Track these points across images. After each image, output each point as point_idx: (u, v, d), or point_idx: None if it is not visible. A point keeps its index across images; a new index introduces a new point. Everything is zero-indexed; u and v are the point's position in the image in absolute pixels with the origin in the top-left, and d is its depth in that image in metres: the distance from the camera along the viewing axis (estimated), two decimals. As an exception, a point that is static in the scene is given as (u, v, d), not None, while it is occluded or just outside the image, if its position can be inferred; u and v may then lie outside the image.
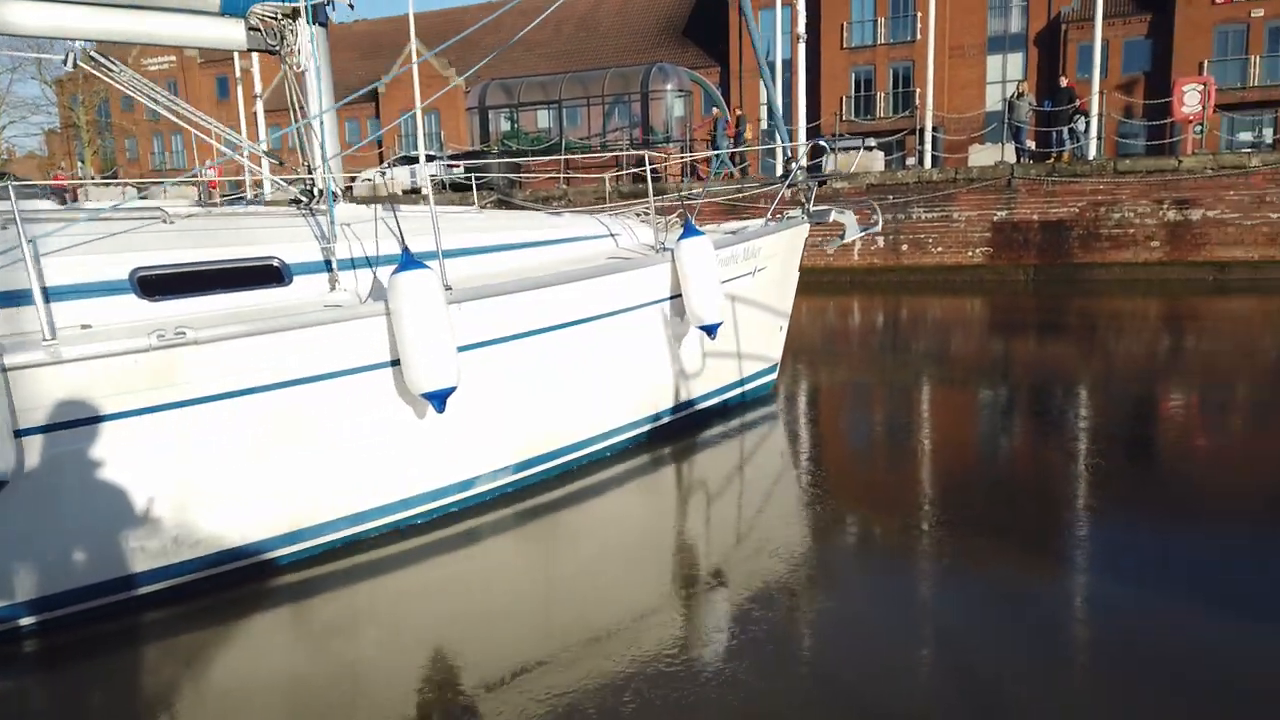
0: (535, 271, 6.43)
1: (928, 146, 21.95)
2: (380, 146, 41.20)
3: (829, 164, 20.61)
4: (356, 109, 42.75)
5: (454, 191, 18.95)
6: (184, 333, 4.61)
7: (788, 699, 3.76)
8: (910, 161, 28.57)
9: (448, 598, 5.01)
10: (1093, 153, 19.55)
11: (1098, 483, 6.52)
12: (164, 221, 5.31)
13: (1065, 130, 19.10)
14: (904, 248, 18.64)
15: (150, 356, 4.54)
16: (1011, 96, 20.73)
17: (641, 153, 10.41)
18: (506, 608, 4.81)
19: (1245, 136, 32.97)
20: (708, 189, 9.51)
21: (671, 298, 7.26)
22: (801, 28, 22.14)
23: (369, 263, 5.73)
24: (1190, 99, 21.65)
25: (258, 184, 19.26)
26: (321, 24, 6.24)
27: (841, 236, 9.09)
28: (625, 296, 6.88)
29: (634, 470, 6.97)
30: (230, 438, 4.91)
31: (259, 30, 6.15)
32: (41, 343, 4.33)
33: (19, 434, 4.21)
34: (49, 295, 4.53)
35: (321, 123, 6.03)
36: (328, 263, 5.57)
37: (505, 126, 28.56)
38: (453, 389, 5.37)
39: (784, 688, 3.84)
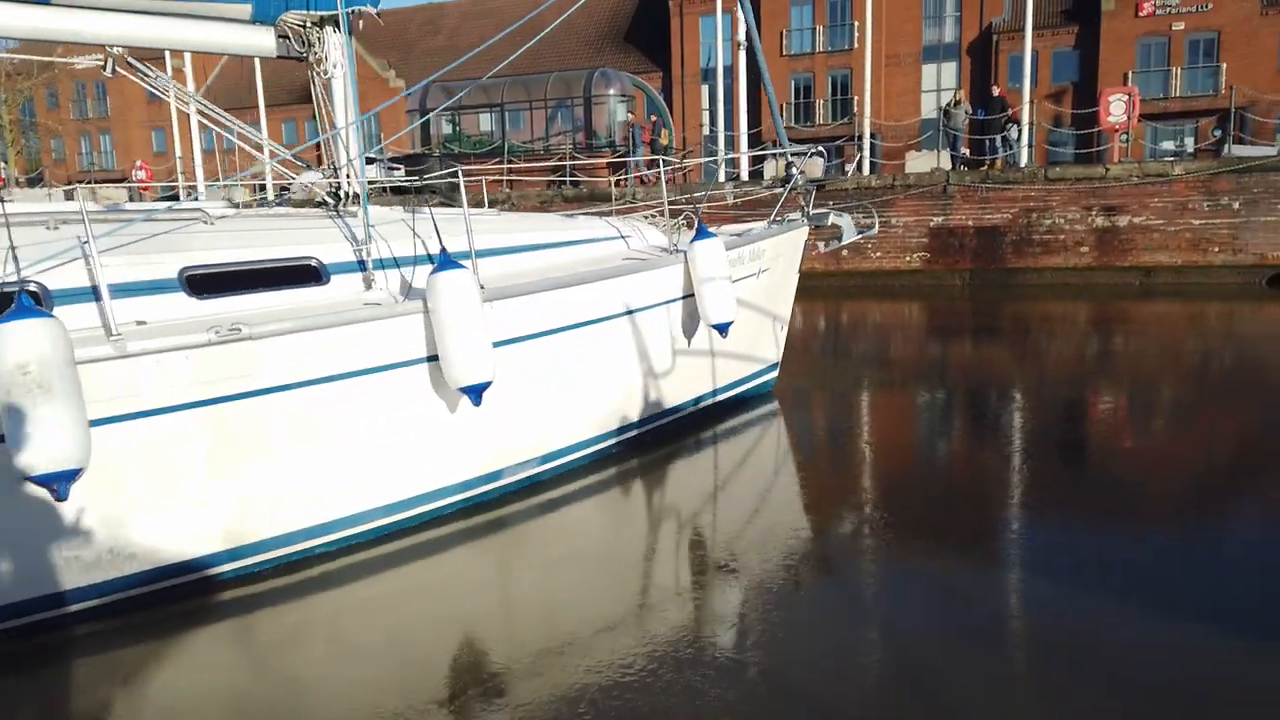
0: (554, 271, 6.67)
1: (866, 153, 22.36)
2: (318, 149, 40.49)
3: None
4: (294, 110, 41.98)
5: (395, 195, 18.72)
6: (239, 329, 4.82)
7: (743, 707, 3.81)
8: (850, 168, 29.02)
9: (415, 603, 4.98)
10: (1025, 160, 20.12)
11: (1034, 484, 6.73)
12: (205, 223, 5.57)
13: (999, 138, 19.62)
14: (844, 253, 18.94)
15: (207, 352, 4.76)
16: (947, 105, 21.23)
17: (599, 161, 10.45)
18: (470, 615, 4.80)
19: (1168, 145, 34.19)
20: (710, 192, 9.86)
21: (684, 297, 7.53)
22: (742, 35, 22.37)
23: (396, 263, 5.96)
24: (1116, 109, 22.42)
25: (282, 188, 18.98)
26: (348, 33, 6.46)
27: (839, 239, 9.39)
28: (642, 296, 7.16)
29: (608, 478, 6.98)
30: (280, 430, 5.13)
31: (287, 38, 6.36)
32: (108, 338, 4.54)
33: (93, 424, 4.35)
34: (117, 293, 4.74)
35: (355, 128, 6.37)
36: (361, 263, 5.79)
37: (447, 129, 28.34)
38: (489, 383, 5.59)
39: (739, 695, 3.89)
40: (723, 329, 7.46)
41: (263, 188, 18.50)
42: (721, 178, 20.95)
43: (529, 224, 7.38)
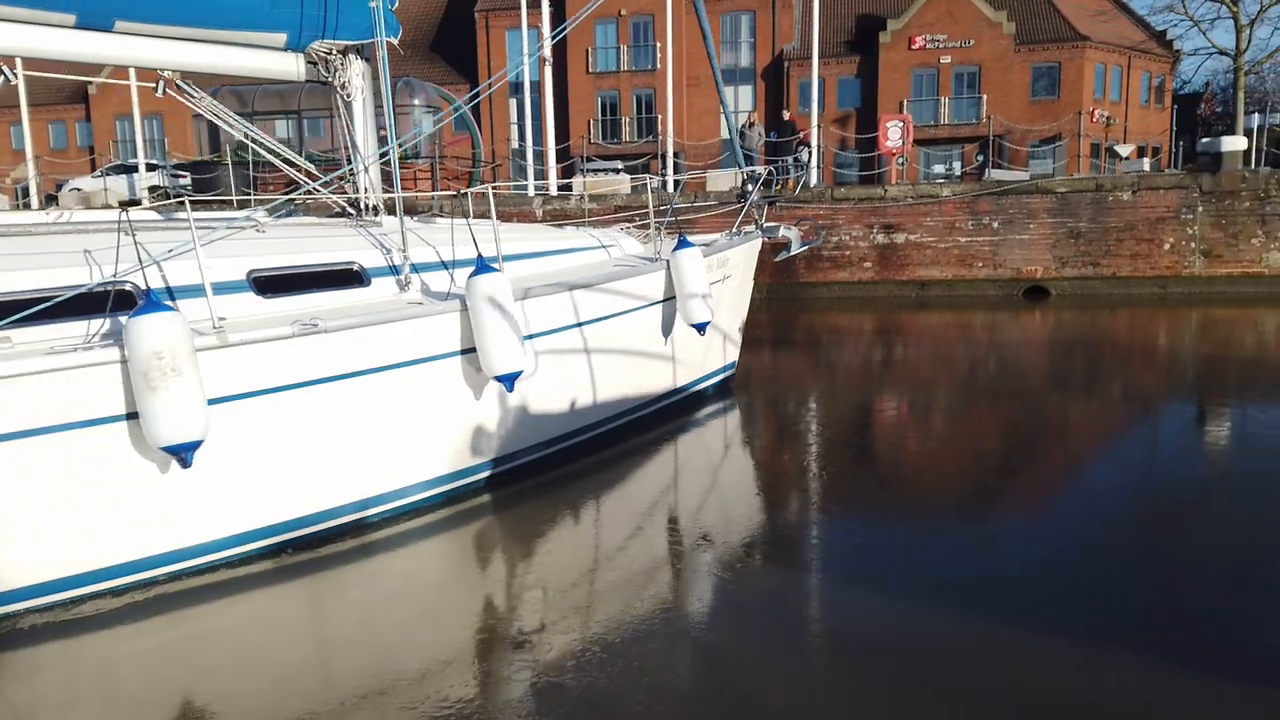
0: (560, 275, 7.48)
1: (669, 170, 23.14)
2: (92, 153, 37.36)
3: (577, 187, 21.20)
4: (62, 111, 38.53)
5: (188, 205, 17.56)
6: (316, 323, 5.54)
7: None
8: (654, 184, 29.80)
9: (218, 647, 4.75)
10: (814, 180, 21.48)
11: (828, 484, 7.25)
12: (258, 231, 6.23)
13: (791, 159, 20.86)
14: (651, 267, 19.48)
15: (288, 343, 5.45)
16: (742, 126, 22.34)
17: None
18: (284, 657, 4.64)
19: (939, 169, 37.43)
20: (674, 206, 10.97)
21: (666, 300, 8.37)
22: (547, 50, 22.59)
23: (414, 269, 6.65)
24: (893, 134, 24.35)
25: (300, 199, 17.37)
26: (367, 59, 7.28)
27: (788, 249, 10.40)
28: (636, 297, 8.01)
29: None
30: (346, 414, 5.83)
31: (316, 64, 7.12)
32: (212, 329, 5.20)
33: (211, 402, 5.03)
34: (191, 292, 5.36)
35: (385, 144, 7.17)
36: (395, 267, 6.52)
37: (238, 136, 26.87)
38: (521, 372, 6.33)
39: None
40: (701, 328, 8.32)
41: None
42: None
43: (529, 233, 8.28)
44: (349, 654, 4.56)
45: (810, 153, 21.26)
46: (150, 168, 24.03)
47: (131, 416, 4.92)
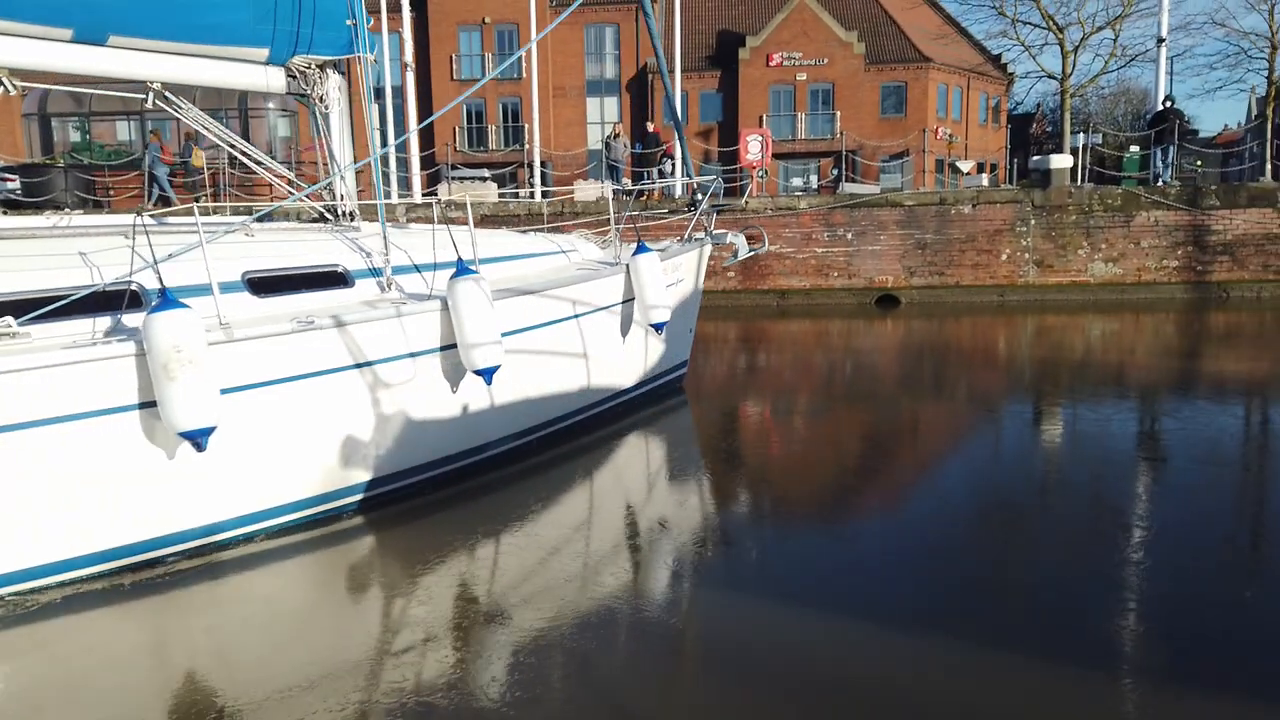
0: (528, 278, 7.97)
1: (537, 180, 23.13)
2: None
3: (443, 192, 20.90)
4: None
5: (9, 208, 16.37)
6: (312, 321, 5.99)
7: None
8: (522, 193, 29.72)
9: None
10: (679, 192, 21.90)
11: (701, 488, 7.42)
12: (246, 234, 6.65)
13: (655, 170, 21.20)
14: (518, 277, 19.41)
15: (291, 338, 5.89)
16: (607, 137, 22.56)
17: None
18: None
19: (797, 182, 38.80)
20: (630, 213, 11.19)
21: (625, 301, 8.82)
22: (409, 56, 22.22)
23: (396, 270, 7.12)
24: (753, 148, 25.10)
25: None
26: (343, 73, 7.79)
27: (735, 255, 10.91)
28: (598, 299, 8.48)
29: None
30: (339, 404, 6.26)
31: (295, 78, 7.53)
32: (219, 326, 5.60)
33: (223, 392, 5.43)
34: (190, 292, 5.57)
35: (383, 155, 7.75)
36: (377, 270, 6.96)
37: (75, 137, 25.23)
38: (499, 367, 6.72)
39: None
40: (659, 328, 8.88)
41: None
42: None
43: (496, 238, 8.69)
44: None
45: (673, 164, 21.68)
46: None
47: (145, 405, 5.29)
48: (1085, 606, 4.86)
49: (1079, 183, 20.90)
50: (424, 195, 22.50)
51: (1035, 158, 21.94)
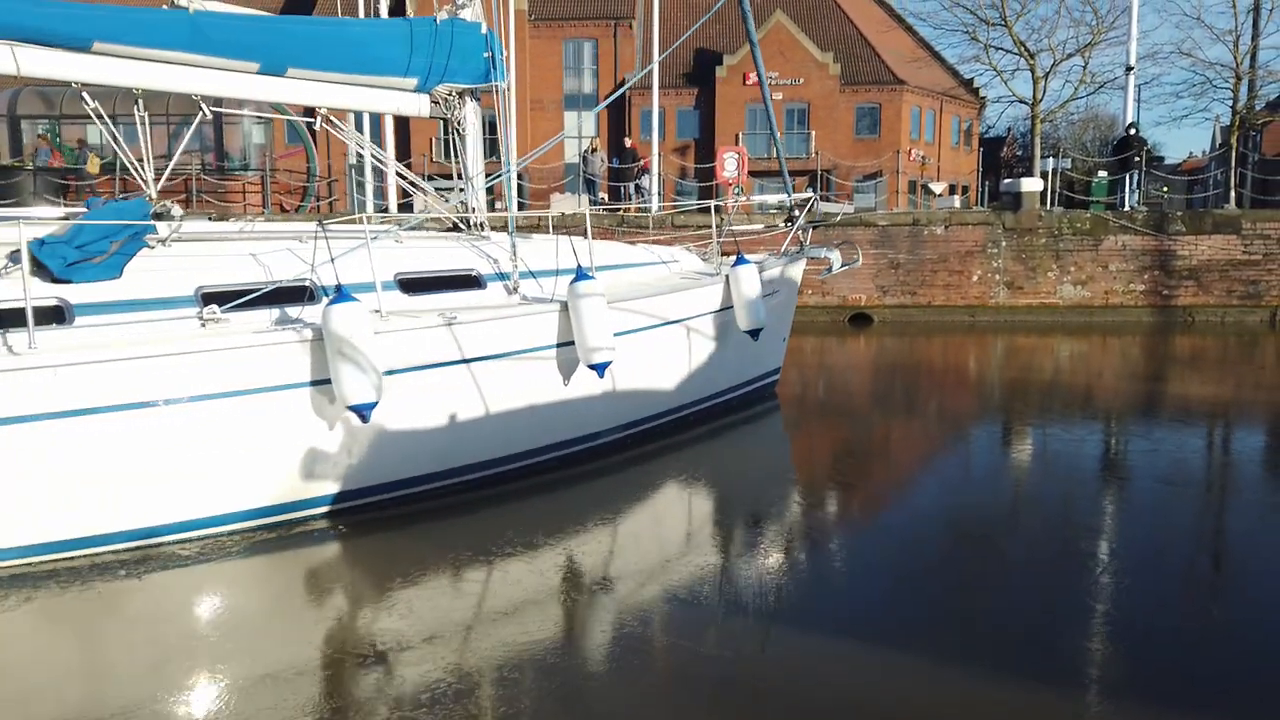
0: (634, 287, 8.74)
1: (513, 192, 23.10)
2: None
3: (418, 205, 20.81)
4: None
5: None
6: (455, 316, 6.95)
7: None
8: (499, 205, 29.72)
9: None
10: (655, 207, 21.98)
11: (674, 503, 7.43)
12: (396, 241, 7.78)
13: (633, 185, 21.28)
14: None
15: (436, 331, 6.82)
16: (585, 151, 22.63)
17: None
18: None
19: (771, 200, 39.00)
20: (728, 227, 11.65)
21: (723, 309, 9.43)
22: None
23: (522, 276, 7.96)
24: (729, 165, 25.23)
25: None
26: (477, 99, 8.89)
27: (830, 269, 11.32)
28: (699, 306, 9.18)
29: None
30: (474, 388, 7.14)
31: (438, 104, 8.55)
32: (382, 319, 6.52)
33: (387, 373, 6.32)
34: (359, 290, 6.43)
35: (510, 170, 8.93)
36: (505, 274, 7.86)
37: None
38: (610, 362, 7.45)
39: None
40: (755, 334, 9.47)
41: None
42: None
43: (609, 249, 9.51)
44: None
45: (650, 179, 21.77)
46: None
47: (317, 383, 6.23)
48: (1057, 628, 4.92)
49: (1049, 206, 21.23)
50: (398, 204, 22.43)
51: (1006, 181, 22.27)
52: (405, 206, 23.37)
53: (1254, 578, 5.76)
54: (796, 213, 11.37)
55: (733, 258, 9.65)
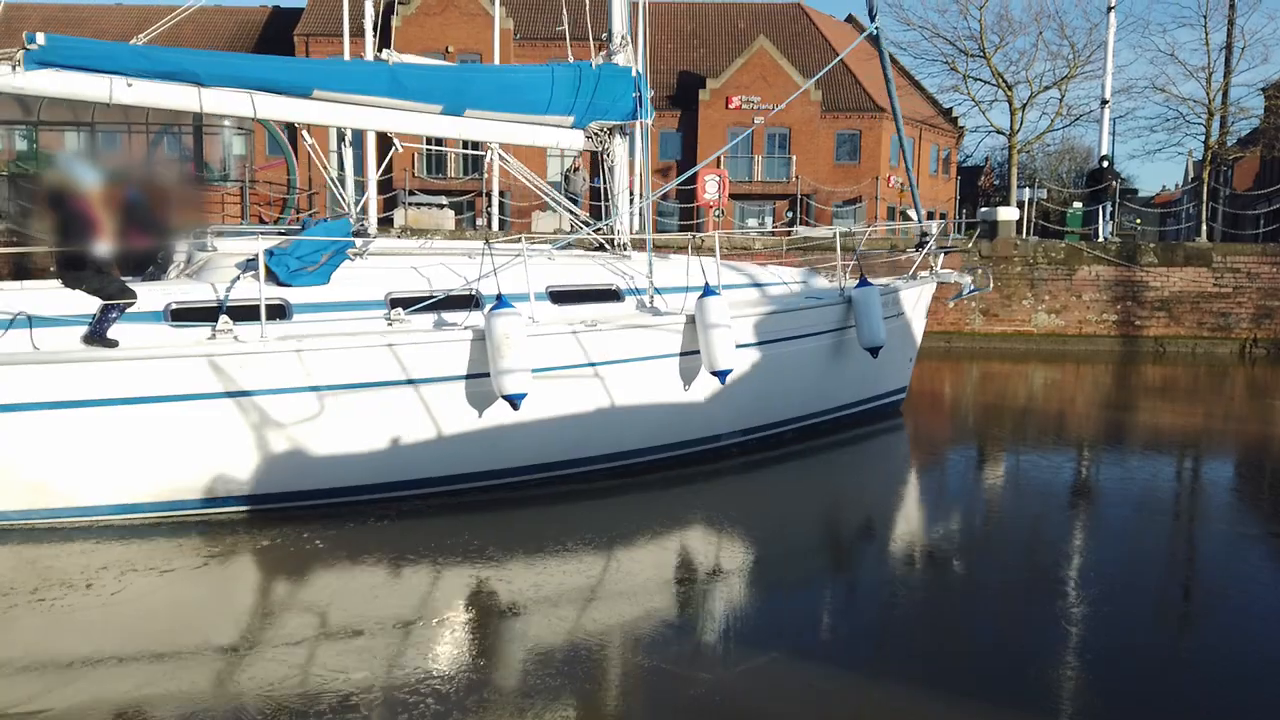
0: (757, 304, 9.43)
1: (495, 209, 23.12)
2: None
3: (400, 219, 20.76)
4: None
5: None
6: (595, 324, 7.90)
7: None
8: (480, 222, 29.73)
9: None
10: (637, 226, 22.03)
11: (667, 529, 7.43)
12: (548, 258, 8.82)
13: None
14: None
15: (577, 336, 7.81)
16: (567, 170, 22.67)
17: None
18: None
19: (752, 223, 39.33)
20: (860, 252, 11.63)
21: (844, 328, 9.96)
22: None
23: (653, 291, 8.83)
24: (710, 187, 25.42)
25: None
26: (625, 134, 9.82)
27: (960, 293, 11.97)
28: (820, 323, 9.77)
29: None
30: (610, 388, 8.06)
31: (591, 138, 9.55)
32: (530, 324, 7.41)
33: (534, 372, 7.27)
34: (515, 299, 7.40)
35: (643, 201, 10.28)
36: (640, 289, 8.78)
37: (21, 146, 24.61)
38: (731, 370, 8.26)
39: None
40: (875, 352, 9.87)
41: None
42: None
43: (737, 269, 10.21)
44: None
45: (633, 200, 21.80)
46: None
47: (474, 376, 7.37)
48: (1027, 654, 4.95)
49: (1024, 235, 21.50)
50: (380, 217, 22.35)
51: (983, 209, 22.53)
52: (385, 221, 23.29)
53: (1225, 604, 5.82)
54: (928, 236, 11.78)
55: (856, 280, 10.18)
